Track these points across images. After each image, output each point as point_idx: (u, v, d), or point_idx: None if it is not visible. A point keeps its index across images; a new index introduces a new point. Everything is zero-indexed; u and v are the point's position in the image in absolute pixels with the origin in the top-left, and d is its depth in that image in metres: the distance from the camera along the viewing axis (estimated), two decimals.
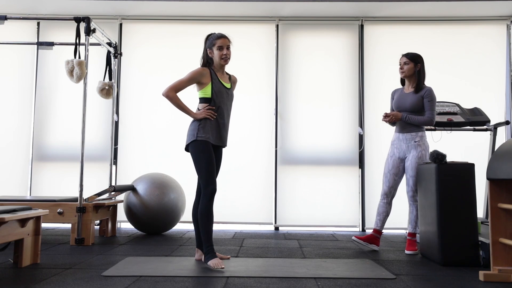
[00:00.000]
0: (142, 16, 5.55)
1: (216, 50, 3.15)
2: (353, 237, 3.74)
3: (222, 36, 3.17)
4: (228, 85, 3.21)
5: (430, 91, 3.60)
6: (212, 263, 2.89)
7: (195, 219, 3.18)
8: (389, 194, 3.69)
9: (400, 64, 3.70)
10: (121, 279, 2.57)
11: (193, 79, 3.14)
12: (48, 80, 5.54)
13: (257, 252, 3.60)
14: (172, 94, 3.12)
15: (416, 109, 3.60)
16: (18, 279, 2.56)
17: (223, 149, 5.25)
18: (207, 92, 3.13)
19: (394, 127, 3.77)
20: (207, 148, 3.06)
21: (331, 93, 5.46)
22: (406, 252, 3.60)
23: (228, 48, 3.18)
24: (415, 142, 3.58)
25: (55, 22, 5.48)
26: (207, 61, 3.21)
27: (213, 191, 3.02)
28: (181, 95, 3.13)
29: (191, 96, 3.41)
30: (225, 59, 3.16)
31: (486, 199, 4.50)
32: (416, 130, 3.60)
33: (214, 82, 3.13)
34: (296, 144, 5.42)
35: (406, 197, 4.88)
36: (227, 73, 3.28)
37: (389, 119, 3.63)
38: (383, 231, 3.85)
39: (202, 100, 3.16)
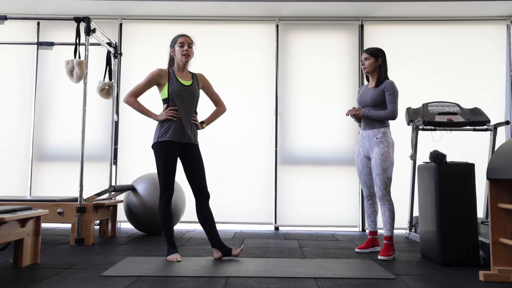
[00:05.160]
0: (142, 16, 5.55)
1: (178, 47, 3.23)
2: (356, 250, 3.71)
3: (183, 35, 3.26)
4: (188, 83, 3.24)
5: (391, 84, 3.45)
6: (169, 257, 3.16)
7: (201, 222, 3.25)
8: (372, 194, 3.65)
9: (362, 61, 3.58)
10: (121, 279, 2.57)
11: (151, 81, 3.22)
12: (48, 80, 5.54)
13: (257, 252, 3.60)
14: (131, 100, 3.20)
15: (376, 103, 3.47)
16: (18, 279, 2.56)
17: (226, 150, 5.36)
18: (165, 92, 3.19)
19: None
20: (167, 150, 3.11)
21: (331, 93, 5.46)
22: (379, 257, 3.35)
23: (189, 46, 3.24)
24: (377, 139, 3.45)
25: (55, 22, 5.48)
26: (169, 61, 3.31)
27: (169, 197, 3.14)
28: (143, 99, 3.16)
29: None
30: (186, 55, 3.21)
31: (486, 199, 4.50)
32: (378, 126, 3.47)
33: (170, 82, 3.19)
34: (296, 144, 5.42)
35: (404, 196, 4.89)
36: (190, 72, 3.32)
37: (352, 114, 3.49)
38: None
39: (163, 101, 3.23)
